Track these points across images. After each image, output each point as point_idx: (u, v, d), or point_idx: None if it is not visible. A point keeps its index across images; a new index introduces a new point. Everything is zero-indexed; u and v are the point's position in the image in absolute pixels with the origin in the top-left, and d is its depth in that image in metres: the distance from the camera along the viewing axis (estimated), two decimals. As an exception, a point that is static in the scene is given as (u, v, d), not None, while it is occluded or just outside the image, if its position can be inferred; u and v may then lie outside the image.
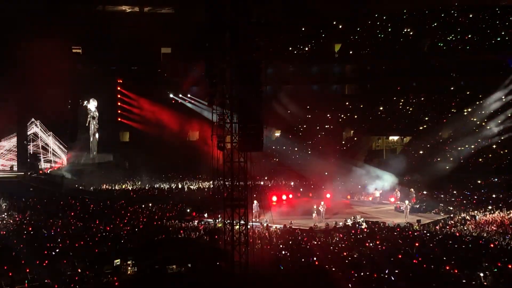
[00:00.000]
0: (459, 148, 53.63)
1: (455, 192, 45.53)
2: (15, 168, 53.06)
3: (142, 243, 30.00)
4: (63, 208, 39.81)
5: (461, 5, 61.56)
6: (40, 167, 53.39)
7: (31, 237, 30.59)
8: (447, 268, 24.41)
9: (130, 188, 50.31)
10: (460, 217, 37.54)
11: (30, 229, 32.72)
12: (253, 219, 35.54)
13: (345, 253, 27.26)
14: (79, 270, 24.51)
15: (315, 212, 38.75)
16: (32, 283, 22.94)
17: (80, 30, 54.86)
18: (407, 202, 40.56)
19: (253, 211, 37.39)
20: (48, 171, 53.37)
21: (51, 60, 48.70)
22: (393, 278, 23.27)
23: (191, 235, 32.61)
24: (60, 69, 50.28)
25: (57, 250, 27.72)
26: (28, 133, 53.97)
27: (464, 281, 22.83)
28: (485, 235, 31.87)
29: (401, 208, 41.49)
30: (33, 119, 54.09)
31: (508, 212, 38.14)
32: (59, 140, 55.62)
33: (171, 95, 60.47)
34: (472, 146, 53.38)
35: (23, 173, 51.17)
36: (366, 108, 62.28)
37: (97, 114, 57.71)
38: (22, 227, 33.46)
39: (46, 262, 25.26)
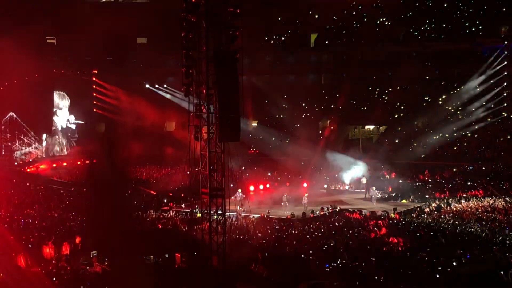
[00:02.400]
0: (434, 137, 54.08)
1: (430, 180, 45.95)
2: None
3: (120, 234, 29.91)
4: (39, 199, 39.57)
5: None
6: (15, 159, 52.90)
7: (7, 229, 30.37)
8: (422, 255, 24.66)
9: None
10: (435, 205, 37.91)
11: (11, 221, 32.54)
12: (238, 208, 36.07)
13: (321, 242, 27.43)
14: (54, 262, 24.43)
15: (286, 201, 39.30)
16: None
17: (54, 20, 54.27)
18: (374, 188, 41.39)
19: (237, 199, 37.82)
20: (23, 162, 52.92)
21: (25, 50, 48.24)
22: (369, 266, 23.48)
23: (168, 225, 32.61)
24: (34, 60, 49.96)
25: (33, 242, 27.58)
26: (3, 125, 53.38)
27: (439, 268, 23.06)
28: (460, 222, 32.20)
29: (378, 196, 42.05)
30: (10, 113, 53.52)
31: (482, 200, 38.59)
32: (34, 132, 55.15)
33: (147, 85, 60.18)
34: (447, 135, 53.88)
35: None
36: (342, 98, 62.48)
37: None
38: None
39: (23, 253, 25.12)
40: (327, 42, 63.85)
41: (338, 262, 24.01)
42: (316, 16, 64.07)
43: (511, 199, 38.59)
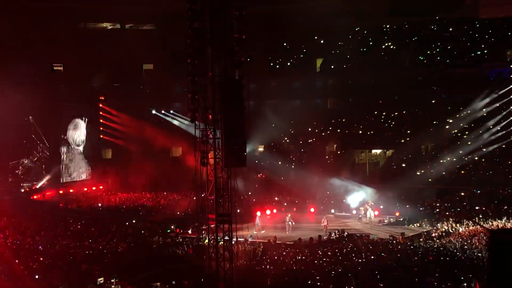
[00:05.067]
0: (441, 161, 53.92)
1: (438, 204, 45.72)
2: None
3: (126, 260, 29.84)
4: (46, 226, 39.55)
5: (441, 19, 62.10)
6: (22, 186, 53.01)
7: (13, 256, 30.32)
8: (431, 280, 24.48)
9: (113, 206, 50.15)
10: (443, 230, 37.69)
11: (17, 247, 32.51)
12: (255, 232, 36.33)
13: (330, 267, 27.26)
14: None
15: (289, 221, 39.69)
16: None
17: (61, 47, 54.70)
18: (361, 208, 43.28)
19: (255, 224, 38.11)
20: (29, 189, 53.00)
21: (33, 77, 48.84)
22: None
23: (175, 251, 32.50)
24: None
25: (40, 269, 27.50)
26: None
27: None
28: (467, 247, 31.98)
29: (385, 221, 41.97)
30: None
31: (490, 224, 38.35)
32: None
33: (154, 111, 60.36)
34: (454, 159, 53.70)
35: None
36: (348, 122, 62.47)
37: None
38: (6, 245, 33.18)
39: (29, 280, 25.08)
40: (332, 67, 64.03)
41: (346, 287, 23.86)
42: (322, 41, 64.32)
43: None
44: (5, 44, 51.05)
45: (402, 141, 58.41)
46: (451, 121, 57.04)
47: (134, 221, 41.50)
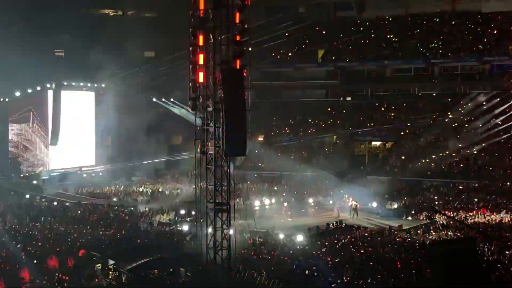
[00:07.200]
0: (440, 154, 53.94)
1: (436, 197, 45.77)
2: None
3: (124, 247, 29.88)
4: (44, 212, 39.58)
5: (444, 12, 62.04)
6: (21, 171, 52.97)
7: (11, 241, 30.37)
8: (428, 273, 24.51)
9: (112, 192, 50.23)
10: (441, 222, 37.74)
11: (15, 232, 32.56)
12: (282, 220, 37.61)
13: (326, 258, 27.32)
14: (60, 275, 24.37)
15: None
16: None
17: (63, 33, 54.60)
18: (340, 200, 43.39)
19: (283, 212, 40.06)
20: (29, 175, 53.01)
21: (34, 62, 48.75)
22: (373, 284, 23.40)
23: (174, 239, 32.54)
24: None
25: (38, 254, 27.56)
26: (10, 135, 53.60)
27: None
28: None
29: (379, 212, 42.08)
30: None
31: (488, 218, 38.40)
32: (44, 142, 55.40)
33: (154, 99, 60.25)
34: (454, 153, 53.72)
35: (3, 177, 50.68)
36: (348, 114, 62.47)
37: None
38: (5, 230, 33.25)
39: (27, 266, 25.13)
40: (334, 58, 63.93)
41: (344, 279, 23.91)
42: (324, 32, 64.24)
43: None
44: (8, 29, 50.92)
45: (402, 133, 58.46)
46: (451, 114, 57.05)
47: (132, 208, 41.52)
